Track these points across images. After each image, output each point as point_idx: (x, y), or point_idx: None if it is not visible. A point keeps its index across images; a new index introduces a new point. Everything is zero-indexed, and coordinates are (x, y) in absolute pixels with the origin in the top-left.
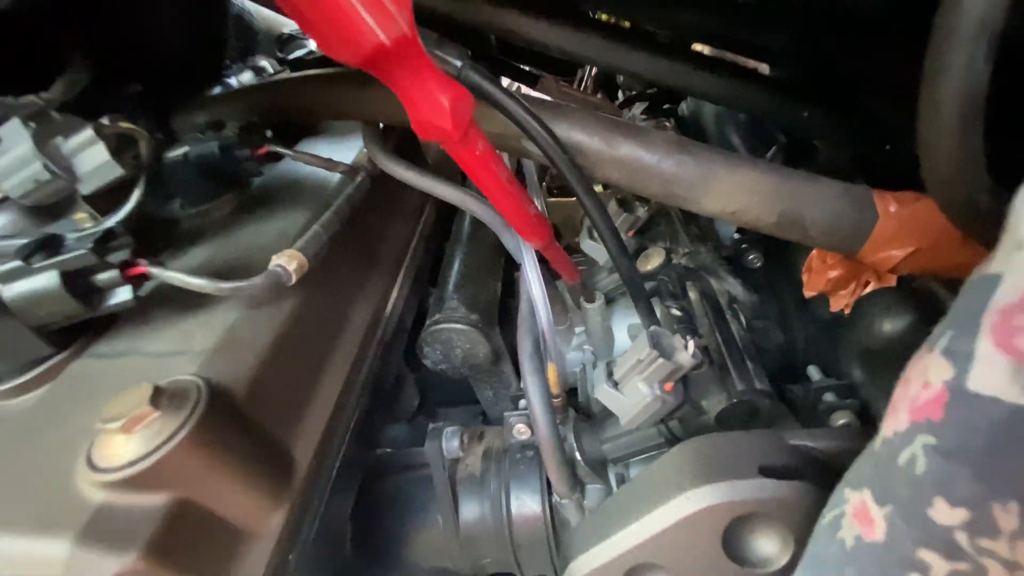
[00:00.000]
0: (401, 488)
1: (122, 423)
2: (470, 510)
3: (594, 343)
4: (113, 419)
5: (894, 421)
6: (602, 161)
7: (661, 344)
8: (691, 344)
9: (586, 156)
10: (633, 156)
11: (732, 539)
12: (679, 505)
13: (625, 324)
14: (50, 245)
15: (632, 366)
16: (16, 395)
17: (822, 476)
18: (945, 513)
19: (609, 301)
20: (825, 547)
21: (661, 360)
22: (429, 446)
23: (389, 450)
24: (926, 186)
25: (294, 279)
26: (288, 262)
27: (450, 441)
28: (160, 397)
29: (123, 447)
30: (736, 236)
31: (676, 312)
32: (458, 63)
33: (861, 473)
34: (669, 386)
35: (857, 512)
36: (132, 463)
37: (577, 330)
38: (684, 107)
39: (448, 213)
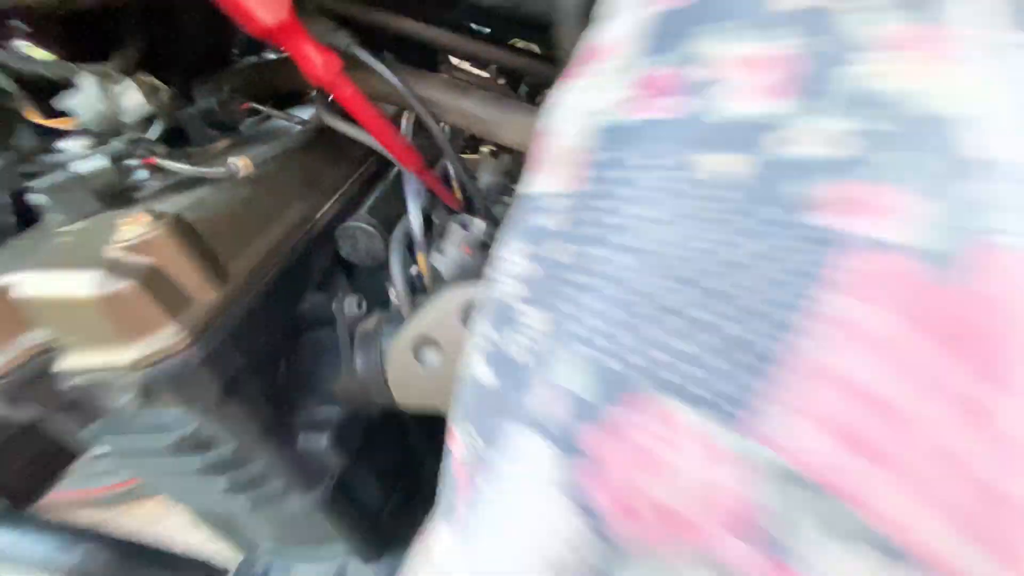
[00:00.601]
0: (320, 339)
1: (133, 220)
2: (361, 359)
3: None
4: (128, 219)
5: None
6: (446, 110)
7: (465, 222)
8: (482, 223)
9: (436, 106)
10: (466, 106)
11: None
12: (430, 301)
13: None
14: (107, 146)
15: (448, 237)
16: (69, 223)
17: None
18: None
19: None
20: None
21: (462, 231)
22: (335, 306)
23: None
24: None
25: (242, 173)
26: (239, 161)
27: (351, 303)
28: (154, 214)
29: (130, 232)
30: None
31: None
32: (345, 41)
33: None
34: (467, 249)
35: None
36: (134, 239)
37: None
38: None
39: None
